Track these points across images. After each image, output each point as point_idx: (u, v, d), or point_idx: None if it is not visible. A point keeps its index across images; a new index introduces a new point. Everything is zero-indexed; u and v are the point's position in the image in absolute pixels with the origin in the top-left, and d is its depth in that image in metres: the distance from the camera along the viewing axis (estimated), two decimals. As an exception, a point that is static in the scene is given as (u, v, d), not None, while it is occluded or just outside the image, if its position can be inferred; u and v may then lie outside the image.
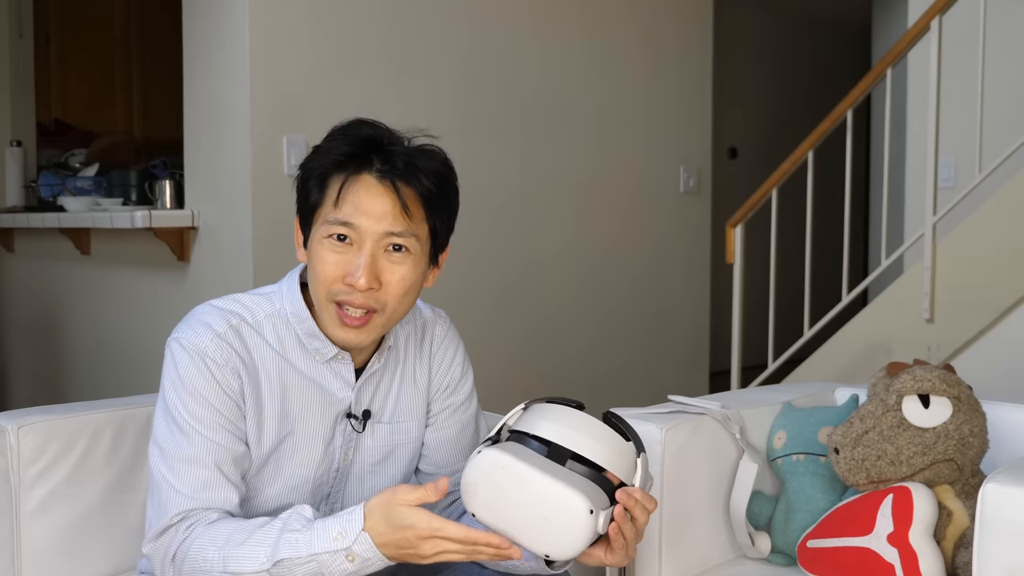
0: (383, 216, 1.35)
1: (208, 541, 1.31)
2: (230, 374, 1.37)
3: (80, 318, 4.09)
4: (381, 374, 1.50)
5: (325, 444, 1.46)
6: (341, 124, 1.43)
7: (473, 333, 1.69)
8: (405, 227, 1.36)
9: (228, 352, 1.37)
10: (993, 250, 3.32)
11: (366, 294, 1.35)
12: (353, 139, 1.39)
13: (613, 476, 1.29)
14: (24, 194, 4.43)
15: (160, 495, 1.37)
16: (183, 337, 1.39)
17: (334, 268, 1.35)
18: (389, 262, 1.36)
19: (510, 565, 1.43)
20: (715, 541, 1.87)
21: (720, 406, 1.88)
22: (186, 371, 1.37)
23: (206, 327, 1.39)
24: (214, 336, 1.38)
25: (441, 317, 1.60)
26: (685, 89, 4.52)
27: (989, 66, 3.42)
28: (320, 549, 1.26)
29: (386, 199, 1.35)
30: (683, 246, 4.55)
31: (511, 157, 3.84)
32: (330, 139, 1.42)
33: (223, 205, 3.29)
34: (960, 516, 1.68)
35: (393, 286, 1.36)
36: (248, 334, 1.41)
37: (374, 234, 1.35)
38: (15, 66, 4.60)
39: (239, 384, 1.38)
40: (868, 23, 5.89)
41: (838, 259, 3.80)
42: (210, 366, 1.36)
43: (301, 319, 1.43)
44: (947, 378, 1.75)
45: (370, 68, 3.44)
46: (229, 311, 1.42)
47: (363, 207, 1.34)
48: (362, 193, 1.35)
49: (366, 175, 1.36)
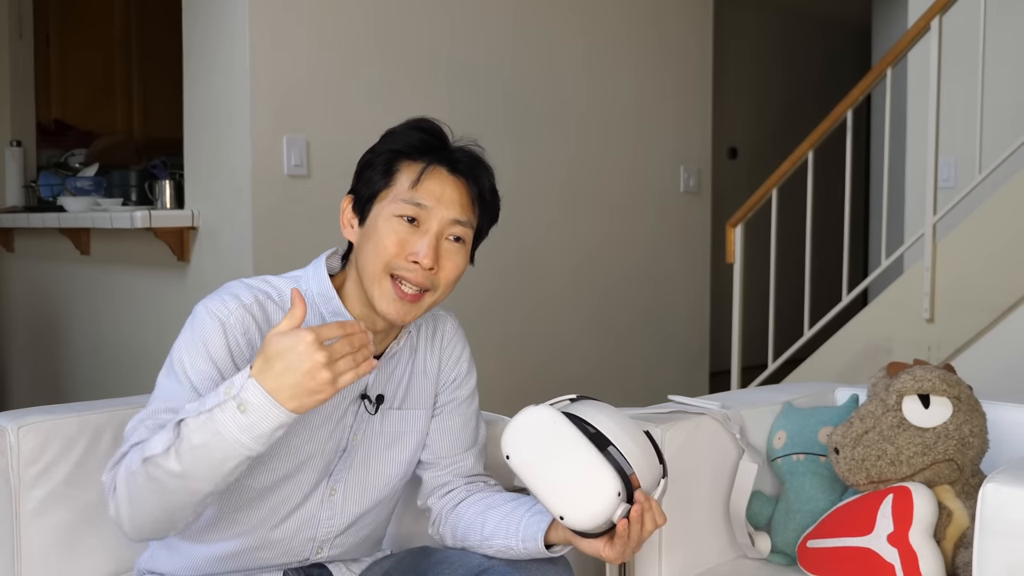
0: (452, 203, 1.45)
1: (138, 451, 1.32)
2: (243, 340, 1.41)
3: (80, 318, 4.09)
4: (397, 360, 1.56)
5: (335, 422, 1.50)
6: (411, 119, 1.52)
7: (472, 332, 1.72)
8: (468, 217, 1.48)
9: (248, 321, 1.43)
10: (993, 250, 3.32)
11: (425, 273, 1.44)
12: (426, 130, 1.49)
13: (637, 481, 1.36)
14: (24, 194, 4.43)
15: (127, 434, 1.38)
16: (209, 303, 1.44)
17: (399, 245, 1.43)
18: (448, 249, 1.46)
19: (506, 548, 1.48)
20: (715, 541, 1.87)
21: (720, 406, 1.88)
22: (202, 329, 1.41)
23: (234, 297, 1.44)
24: (239, 305, 1.43)
25: (450, 315, 1.68)
26: (685, 89, 4.52)
27: (989, 66, 3.42)
28: (211, 404, 1.24)
29: (458, 190, 1.47)
30: (683, 246, 4.55)
31: (510, 156, 3.83)
32: (402, 128, 1.51)
33: (223, 205, 3.29)
34: (960, 516, 1.68)
35: (448, 271, 1.47)
36: (273, 310, 1.46)
37: (443, 220, 1.45)
38: (15, 66, 4.60)
39: (249, 353, 1.41)
40: (868, 23, 5.90)
41: (838, 259, 3.80)
42: (226, 328, 1.40)
43: (327, 298, 1.49)
44: (947, 378, 1.75)
45: (370, 68, 3.44)
46: (258, 288, 1.48)
47: (436, 193, 1.45)
48: (436, 181, 1.45)
49: (440, 166, 1.46)
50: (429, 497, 1.64)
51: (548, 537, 1.45)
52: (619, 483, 1.32)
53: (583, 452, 1.33)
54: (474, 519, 1.55)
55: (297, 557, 1.54)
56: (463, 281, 1.54)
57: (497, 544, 1.49)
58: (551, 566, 1.48)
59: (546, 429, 1.36)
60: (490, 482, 1.66)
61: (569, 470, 1.33)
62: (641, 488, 1.36)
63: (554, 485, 1.34)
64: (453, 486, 1.63)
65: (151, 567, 1.56)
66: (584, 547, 1.40)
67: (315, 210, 3.24)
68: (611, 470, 1.32)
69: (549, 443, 1.35)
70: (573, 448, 1.34)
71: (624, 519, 1.34)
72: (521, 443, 1.37)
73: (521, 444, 1.37)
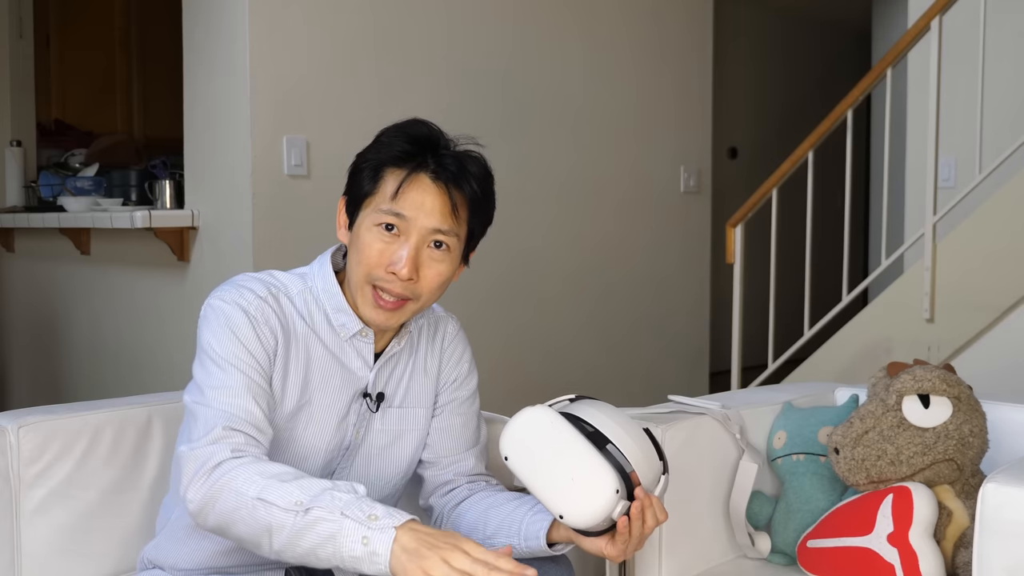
0: (433, 213, 1.44)
1: (258, 470, 1.30)
2: (267, 330, 1.44)
3: (80, 318, 4.09)
4: (397, 359, 1.58)
5: (339, 419, 1.52)
6: (399, 122, 1.51)
7: (472, 333, 1.72)
8: (451, 226, 1.45)
9: (268, 311, 1.45)
10: (993, 250, 3.31)
11: (404, 284, 1.44)
12: (411, 137, 1.47)
13: (637, 478, 1.35)
14: (24, 194, 4.43)
15: (207, 412, 1.37)
16: (225, 295, 1.46)
17: (378, 255, 1.44)
18: (430, 257, 1.46)
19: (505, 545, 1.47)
20: (715, 541, 1.87)
21: (720, 406, 1.88)
22: (230, 317, 1.43)
23: (248, 290, 1.46)
24: (255, 297, 1.46)
25: (452, 318, 1.69)
26: (685, 89, 4.52)
27: (989, 66, 3.42)
28: (351, 515, 1.23)
29: (438, 199, 1.44)
30: (683, 246, 4.55)
31: (510, 156, 3.83)
32: (389, 135, 1.49)
33: (223, 205, 3.29)
34: (960, 516, 1.68)
35: (429, 280, 1.46)
36: (284, 302, 1.49)
37: (422, 229, 1.44)
38: (15, 66, 4.59)
39: (274, 343, 1.45)
40: (868, 23, 5.89)
41: (838, 259, 3.80)
42: (251, 318, 1.43)
43: (331, 294, 1.51)
44: (947, 378, 1.75)
45: (370, 68, 3.44)
46: (267, 281, 1.50)
47: (416, 202, 1.43)
48: (419, 191, 1.44)
49: (421, 174, 1.45)
50: (431, 496, 1.65)
51: (550, 536, 1.45)
52: (618, 480, 1.32)
53: (581, 451, 1.33)
54: (476, 519, 1.55)
55: None
56: (463, 281, 1.54)
57: (500, 544, 1.49)
58: (552, 565, 1.49)
59: (543, 429, 1.36)
60: (492, 482, 1.66)
61: (567, 469, 1.33)
62: (641, 485, 1.36)
63: (553, 485, 1.34)
64: (455, 485, 1.64)
65: (156, 558, 1.57)
66: (586, 545, 1.40)
67: (315, 210, 3.24)
68: (609, 468, 1.32)
69: (547, 443, 1.35)
70: (571, 447, 1.34)
71: (624, 516, 1.33)
72: (519, 444, 1.37)
73: (519, 445, 1.37)
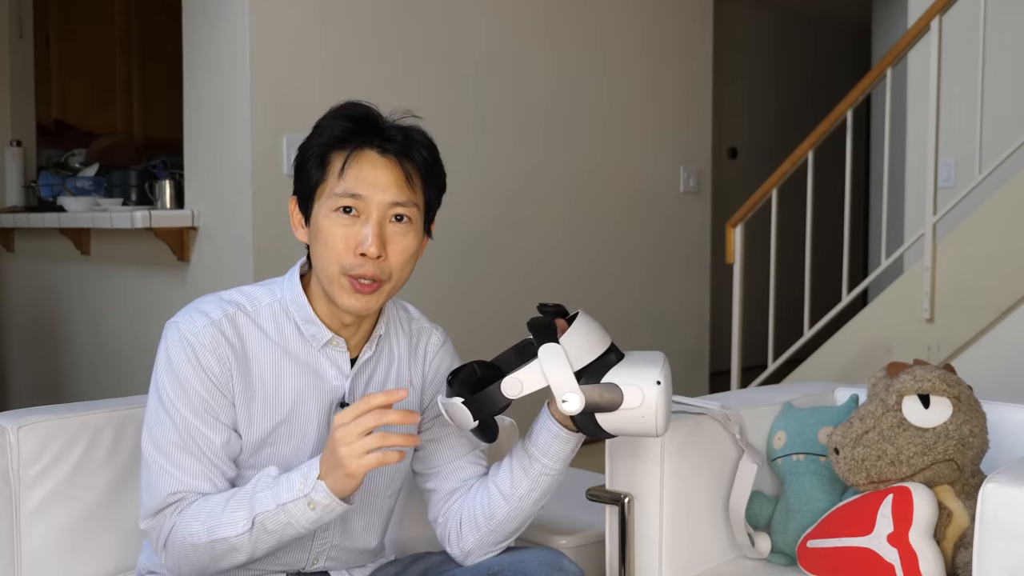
0: (388, 187, 1.42)
1: (192, 517, 1.41)
2: (215, 360, 1.43)
3: (80, 318, 4.09)
4: (374, 366, 1.55)
5: (319, 431, 1.51)
6: (336, 106, 1.49)
7: (471, 331, 1.72)
8: (408, 197, 1.44)
9: (217, 339, 1.44)
10: (993, 250, 3.32)
11: (376, 263, 1.42)
12: (351, 118, 1.46)
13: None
14: (24, 194, 4.43)
15: (150, 477, 1.45)
16: (180, 322, 1.46)
17: (343, 240, 1.42)
18: (394, 232, 1.44)
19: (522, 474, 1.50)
20: (715, 541, 1.87)
21: (720, 406, 1.88)
22: (175, 355, 1.43)
23: (202, 314, 1.45)
24: (208, 323, 1.44)
25: (438, 329, 1.66)
26: (685, 89, 4.52)
27: (989, 66, 3.42)
28: (286, 499, 1.36)
29: (390, 171, 1.43)
30: (683, 246, 4.55)
31: (511, 156, 3.83)
32: (328, 119, 1.48)
33: (223, 205, 3.29)
34: (960, 516, 1.68)
35: (397, 255, 1.44)
36: (244, 323, 1.47)
37: (381, 205, 1.42)
38: (15, 66, 4.59)
39: (225, 370, 1.44)
40: (868, 23, 5.89)
41: (838, 259, 3.80)
42: (197, 351, 1.43)
43: (299, 305, 1.50)
44: (947, 378, 1.75)
45: (370, 68, 3.44)
46: (229, 301, 1.49)
47: (369, 179, 1.42)
48: (367, 166, 1.43)
49: (368, 151, 1.43)
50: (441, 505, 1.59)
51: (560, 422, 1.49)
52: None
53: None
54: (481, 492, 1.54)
55: (295, 567, 1.54)
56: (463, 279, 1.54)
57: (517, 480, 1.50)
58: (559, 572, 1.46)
59: None
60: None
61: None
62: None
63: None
64: (460, 492, 1.59)
65: (152, 567, 1.56)
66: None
67: (315, 210, 3.24)
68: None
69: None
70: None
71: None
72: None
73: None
